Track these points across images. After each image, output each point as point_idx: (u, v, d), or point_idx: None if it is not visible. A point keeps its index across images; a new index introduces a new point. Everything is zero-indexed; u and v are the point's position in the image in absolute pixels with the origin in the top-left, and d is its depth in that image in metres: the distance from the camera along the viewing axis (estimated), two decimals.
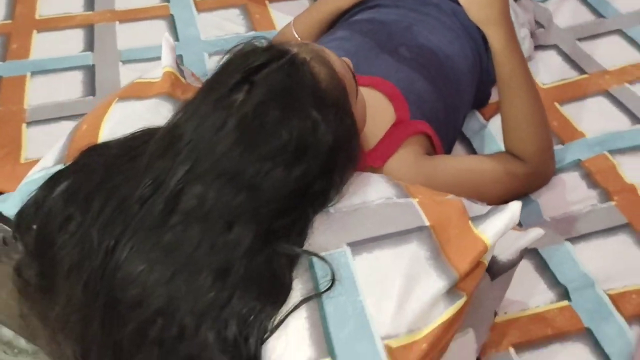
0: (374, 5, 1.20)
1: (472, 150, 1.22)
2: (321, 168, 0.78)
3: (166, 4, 1.50)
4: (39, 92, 1.26)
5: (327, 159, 0.78)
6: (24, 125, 1.19)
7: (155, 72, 1.01)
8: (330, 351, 0.70)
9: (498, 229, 0.77)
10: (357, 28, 1.16)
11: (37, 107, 1.23)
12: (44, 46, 1.36)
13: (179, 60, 1.30)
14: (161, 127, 0.87)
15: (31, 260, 0.91)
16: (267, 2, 1.52)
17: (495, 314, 0.88)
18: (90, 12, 1.47)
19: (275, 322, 0.72)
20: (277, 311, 0.72)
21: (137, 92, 0.97)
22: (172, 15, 1.46)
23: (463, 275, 0.75)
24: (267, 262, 0.74)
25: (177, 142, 0.79)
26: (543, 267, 0.99)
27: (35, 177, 0.92)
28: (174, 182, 0.76)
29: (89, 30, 1.41)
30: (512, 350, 0.89)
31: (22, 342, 1.60)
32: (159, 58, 1.31)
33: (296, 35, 1.24)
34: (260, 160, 0.75)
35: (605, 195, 1.11)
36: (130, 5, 1.49)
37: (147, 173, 0.78)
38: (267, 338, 0.72)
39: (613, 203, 1.09)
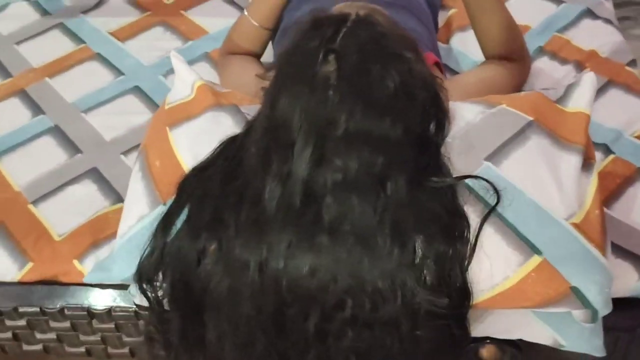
0: None
1: (453, 71, 1.31)
2: (430, 101, 0.82)
3: (83, 45, 1.42)
4: (19, 171, 1.15)
5: (430, 91, 0.82)
6: (30, 207, 1.09)
7: (181, 92, 0.98)
8: (533, 248, 0.76)
9: (588, 98, 0.87)
10: None
11: (31, 185, 1.12)
12: None
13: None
14: (247, 128, 0.86)
15: (163, 313, 0.86)
16: (182, 12, 1.49)
17: None
18: (10, 79, 1.34)
19: (470, 248, 0.76)
20: (465, 239, 0.76)
21: (181, 115, 0.94)
22: (98, 54, 1.39)
23: (585, 145, 0.84)
24: (432, 200, 0.77)
25: (286, 131, 0.77)
26: None
27: (136, 230, 0.87)
28: (303, 167, 0.75)
29: (24, 96, 1.30)
30: None
31: None
32: (117, 96, 1.27)
33: (256, 24, 1.24)
34: (382, 115, 0.77)
35: (579, 65, 1.26)
36: (48, 59, 1.38)
37: (267, 171, 0.77)
38: (469, 265, 0.76)
39: (588, 69, 1.25)
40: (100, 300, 0.99)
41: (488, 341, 0.93)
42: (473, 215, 0.77)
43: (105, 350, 1.06)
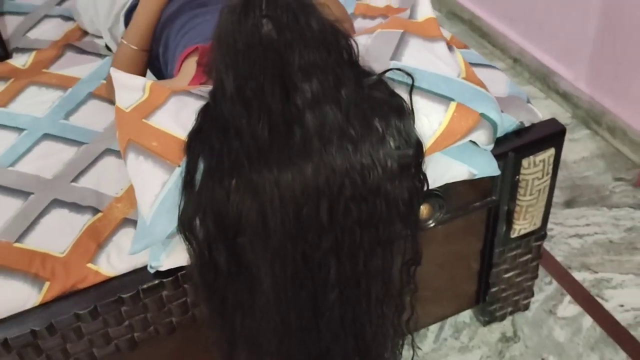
0: None
1: None
2: (342, 31, 1.12)
3: None
4: None
5: (339, 25, 1.12)
6: (16, 244, 1.17)
7: (132, 97, 1.16)
8: (448, 98, 1.11)
9: (428, 7, 1.26)
10: (193, 5, 1.45)
11: (2, 233, 1.20)
12: None
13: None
14: (213, 96, 1.08)
15: (205, 254, 1.05)
16: (44, 71, 1.62)
17: None
18: None
19: (411, 112, 1.08)
20: (406, 108, 1.08)
21: (148, 108, 1.12)
22: None
23: (443, 37, 1.22)
24: (375, 92, 1.08)
25: (255, 82, 1.01)
26: None
27: (164, 194, 1.04)
28: (278, 101, 1.02)
29: None
30: None
31: None
32: (33, 146, 1.39)
33: (135, 48, 1.44)
34: (319, 47, 1.05)
35: (384, 17, 1.67)
36: None
37: (251, 115, 1.02)
38: (414, 124, 1.08)
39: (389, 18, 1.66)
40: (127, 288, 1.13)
41: None
42: (403, 94, 1.10)
43: (132, 338, 1.19)
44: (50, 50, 1.68)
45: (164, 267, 1.12)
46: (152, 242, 1.07)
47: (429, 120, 1.10)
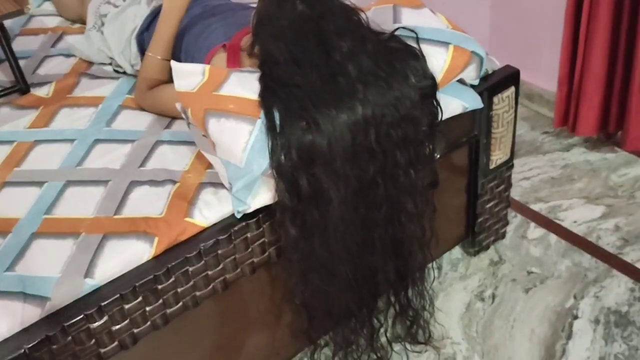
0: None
1: None
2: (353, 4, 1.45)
3: (16, 143, 1.65)
4: (79, 209, 1.41)
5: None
6: (115, 217, 1.38)
7: (193, 81, 1.40)
8: (447, 43, 1.46)
9: None
10: (205, 16, 1.73)
11: (98, 211, 1.40)
12: None
13: None
14: (266, 66, 1.37)
15: (293, 181, 1.31)
16: (68, 96, 1.82)
17: None
18: None
19: (422, 55, 1.41)
20: (419, 52, 1.41)
21: (214, 85, 1.37)
22: (36, 141, 1.65)
23: (425, 6, 1.57)
24: (392, 44, 1.41)
25: (302, 47, 1.34)
26: None
27: (253, 139, 1.28)
28: (322, 58, 1.33)
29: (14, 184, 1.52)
30: None
31: None
32: (90, 149, 1.60)
33: (159, 58, 1.70)
34: (344, 17, 1.38)
35: None
36: None
37: (304, 72, 1.32)
38: (426, 64, 1.41)
39: None
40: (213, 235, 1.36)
41: None
42: (412, 44, 1.43)
43: (224, 280, 1.41)
44: (66, 79, 1.88)
45: (251, 209, 1.36)
46: (250, 179, 1.31)
47: (437, 59, 1.43)
